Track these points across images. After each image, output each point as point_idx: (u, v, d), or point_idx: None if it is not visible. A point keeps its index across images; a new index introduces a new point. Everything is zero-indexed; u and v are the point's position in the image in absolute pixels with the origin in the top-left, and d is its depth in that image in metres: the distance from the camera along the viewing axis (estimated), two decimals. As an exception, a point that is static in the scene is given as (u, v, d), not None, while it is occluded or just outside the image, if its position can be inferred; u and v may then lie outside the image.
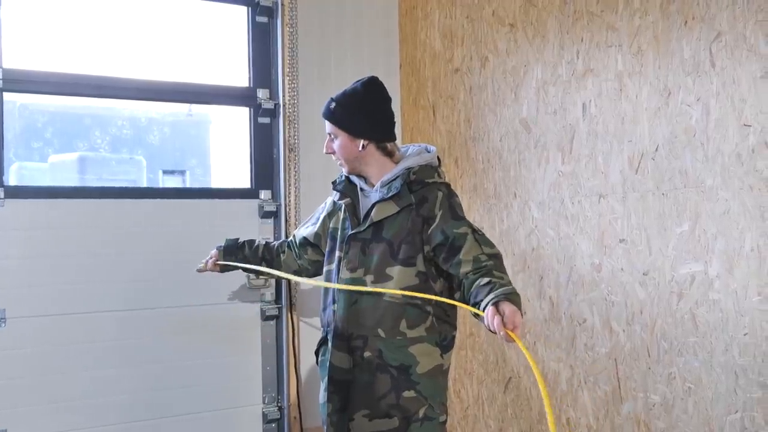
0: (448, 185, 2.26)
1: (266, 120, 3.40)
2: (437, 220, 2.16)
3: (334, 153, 2.28)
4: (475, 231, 2.15)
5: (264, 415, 3.30)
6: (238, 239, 2.70)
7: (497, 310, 1.84)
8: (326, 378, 2.23)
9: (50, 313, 2.91)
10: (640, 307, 2.44)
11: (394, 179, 2.21)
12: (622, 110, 2.49)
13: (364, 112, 2.26)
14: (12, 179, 3.40)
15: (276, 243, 2.67)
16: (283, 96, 3.36)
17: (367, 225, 2.20)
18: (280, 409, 3.33)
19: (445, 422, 2.22)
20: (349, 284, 2.18)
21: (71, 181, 3.43)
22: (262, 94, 3.37)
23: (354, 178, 2.32)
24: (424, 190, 2.20)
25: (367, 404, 2.16)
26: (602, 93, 2.58)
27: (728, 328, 2.14)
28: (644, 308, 2.43)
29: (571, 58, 2.71)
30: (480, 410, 3.25)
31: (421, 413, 2.16)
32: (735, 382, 2.13)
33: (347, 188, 2.32)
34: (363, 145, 2.24)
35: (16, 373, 2.84)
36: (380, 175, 2.25)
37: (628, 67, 2.47)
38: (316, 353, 2.36)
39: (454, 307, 2.25)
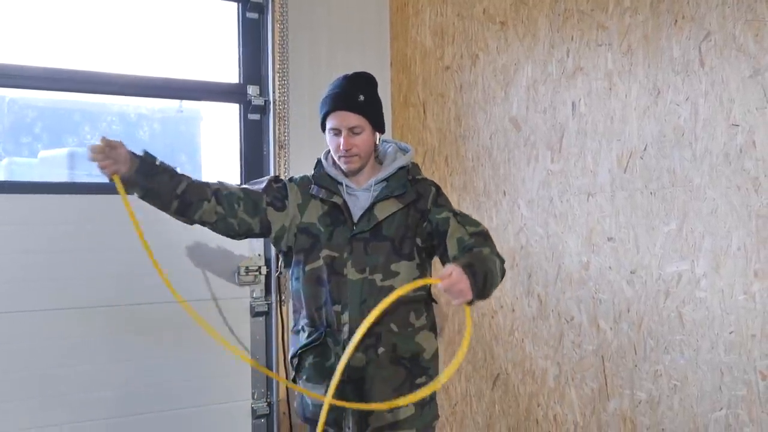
0: (434, 182, 2.34)
1: (256, 117, 3.40)
2: (430, 207, 2.23)
3: (349, 149, 2.17)
4: (456, 214, 2.22)
5: (253, 411, 3.30)
6: (156, 158, 2.15)
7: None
8: (336, 380, 2.17)
9: (39, 309, 2.89)
10: (627, 305, 2.46)
11: (390, 177, 2.23)
12: (612, 109, 2.51)
13: (380, 103, 2.28)
14: (1, 174, 3.39)
15: (209, 187, 2.22)
16: (273, 92, 3.35)
17: (371, 226, 2.17)
18: (270, 404, 3.33)
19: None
20: (358, 286, 2.14)
21: (61, 176, 3.41)
22: (252, 90, 3.36)
23: (337, 176, 2.26)
24: (419, 186, 2.26)
25: (384, 397, 2.16)
26: (592, 92, 2.59)
27: (714, 326, 2.16)
28: (631, 306, 2.44)
29: (561, 57, 2.72)
30: (468, 407, 3.26)
31: (427, 396, 2.24)
32: (720, 380, 2.14)
33: (333, 186, 2.25)
34: (378, 138, 2.26)
35: (4, 368, 2.82)
36: (371, 173, 2.25)
37: (618, 66, 2.48)
38: (300, 356, 2.27)
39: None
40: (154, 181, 2.12)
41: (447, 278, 1.89)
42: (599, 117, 2.56)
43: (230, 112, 3.48)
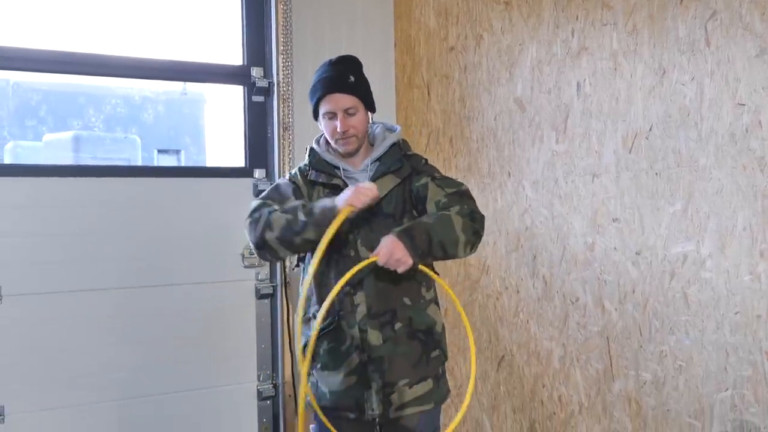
0: (423, 156, 2.34)
1: (260, 98, 3.39)
2: (411, 183, 2.23)
3: (347, 131, 2.17)
4: (434, 178, 2.21)
5: (259, 393, 3.32)
6: None
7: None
8: (350, 363, 2.18)
9: (46, 291, 2.91)
10: (632, 286, 2.46)
11: (383, 155, 2.23)
12: (617, 89, 2.49)
13: (368, 83, 2.28)
14: (7, 158, 3.40)
15: None
16: (278, 74, 3.33)
17: (374, 203, 2.13)
18: (275, 386, 3.35)
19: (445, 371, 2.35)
20: (372, 266, 2.08)
21: (66, 159, 3.43)
22: (256, 72, 3.35)
23: (333, 161, 2.25)
24: (412, 161, 2.26)
25: (405, 373, 2.17)
26: (597, 72, 2.57)
27: (720, 306, 2.16)
28: (636, 287, 2.44)
29: (566, 37, 2.69)
30: (473, 388, 3.27)
31: (440, 370, 2.27)
32: (726, 360, 2.15)
33: (330, 170, 2.25)
34: (371, 117, 2.27)
35: (13, 350, 2.84)
36: (365, 154, 2.25)
37: (623, 45, 2.46)
38: (316, 340, 2.19)
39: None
40: None
41: (381, 251, 1.96)
42: (604, 97, 2.54)
43: (234, 95, 3.47)
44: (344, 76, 2.18)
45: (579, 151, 2.65)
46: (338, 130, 2.17)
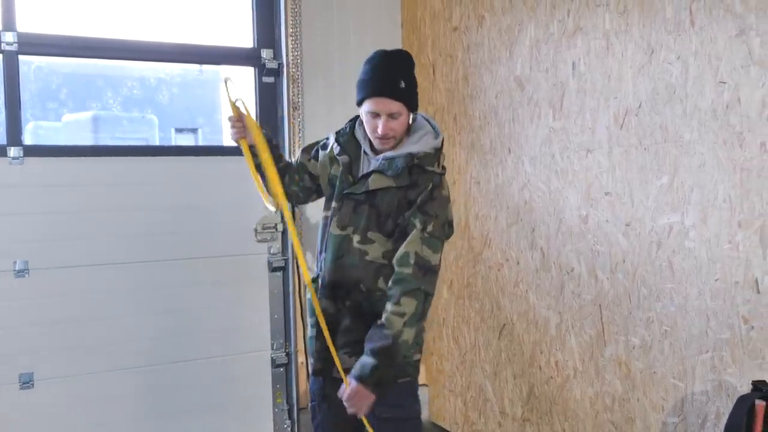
0: (441, 176, 2.25)
1: (270, 79, 3.51)
2: (414, 207, 2.18)
3: (386, 134, 2.18)
4: (425, 230, 2.15)
5: (272, 360, 3.49)
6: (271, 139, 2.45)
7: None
8: (314, 318, 2.36)
9: (70, 265, 3.07)
10: (622, 256, 2.58)
11: (395, 158, 2.20)
12: (609, 68, 2.59)
13: (416, 84, 2.27)
14: (28, 138, 3.56)
15: (284, 164, 2.50)
16: (287, 56, 3.45)
17: (362, 190, 2.23)
18: (288, 354, 3.52)
19: (419, 360, 2.32)
20: (337, 241, 2.24)
21: (85, 139, 3.57)
22: (266, 54, 3.47)
23: (362, 141, 2.31)
24: (420, 177, 2.20)
25: (347, 344, 2.28)
26: (591, 51, 2.67)
27: (701, 274, 2.28)
28: (626, 257, 2.56)
29: (563, 17, 2.79)
30: (476, 355, 3.42)
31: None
32: (706, 325, 2.27)
33: (350, 144, 2.31)
34: (412, 118, 2.26)
35: (41, 320, 3.02)
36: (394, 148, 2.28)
37: (615, 25, 2.56)
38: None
39: None
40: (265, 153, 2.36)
41: (350, 394, 2.13)
42: (597, 76, 2.64)
43: (248, 74, 3.59)
44: (396, 80, 2.16)
45: (574, 128, 2.77)
46: (379, 131, 2.18)
